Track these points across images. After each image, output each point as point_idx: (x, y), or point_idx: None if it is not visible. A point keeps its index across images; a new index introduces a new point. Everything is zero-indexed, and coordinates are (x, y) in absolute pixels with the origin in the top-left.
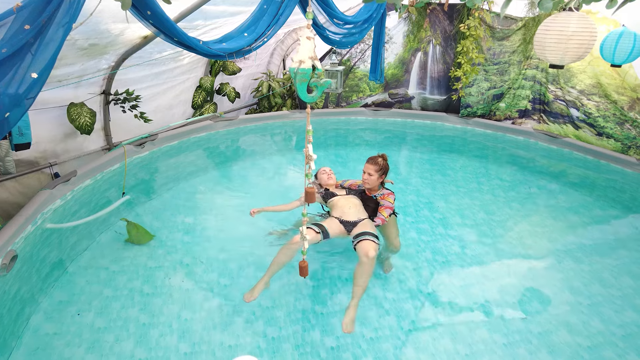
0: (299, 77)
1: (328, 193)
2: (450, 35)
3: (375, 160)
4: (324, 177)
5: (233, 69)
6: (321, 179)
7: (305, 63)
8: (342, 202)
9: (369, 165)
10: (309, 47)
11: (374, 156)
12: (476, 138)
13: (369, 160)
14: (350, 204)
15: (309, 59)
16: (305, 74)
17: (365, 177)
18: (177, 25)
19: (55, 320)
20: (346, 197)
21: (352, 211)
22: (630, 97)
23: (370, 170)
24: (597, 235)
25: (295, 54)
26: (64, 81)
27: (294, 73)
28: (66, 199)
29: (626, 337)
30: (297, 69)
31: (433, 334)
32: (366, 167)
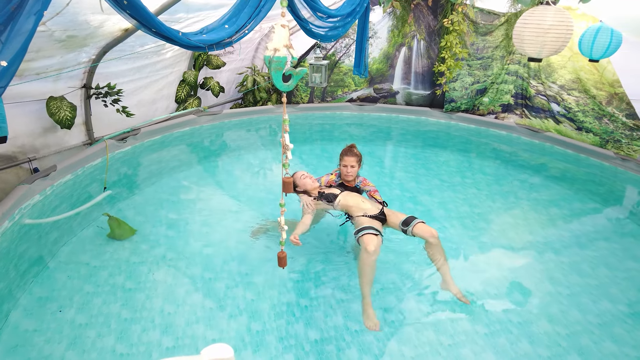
0: (273, 65)
1: (326, 196)
2: (434, 30)
3: (353, 151)
4: (309, 182)
5: (217, 63)
6: (305, 185)
7: (280, 51)
8: (353, 200)
9: (350, 157)
10: (283, 35)
11: (349, 148)
12: (460, 132)
13: (347, 154)
14: (358, 198)
15: (284, 47)
16: (280, 62)
17: (349, 170)
18: (155, 16)
19: (35, 316)
20: (348, 194)
21: (367, 204)
22: (608, 92)
23: (352, 162)
24: (576, 228)
25: (270, 42)
26: (42, 74)
27: (268, 61)
28: (45, 194)
29: (602, 325)
30: (272, 57)
31: (416, 326)
32: (347, 161)
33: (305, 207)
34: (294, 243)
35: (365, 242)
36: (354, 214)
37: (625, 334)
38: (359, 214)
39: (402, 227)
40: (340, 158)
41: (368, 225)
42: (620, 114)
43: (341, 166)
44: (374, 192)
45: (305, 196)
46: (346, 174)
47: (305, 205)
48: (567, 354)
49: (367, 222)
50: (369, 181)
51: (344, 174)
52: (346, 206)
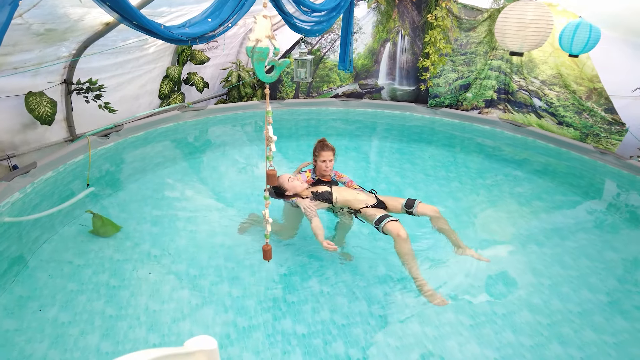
0: (256, 56)
1: (321, 195)
2: (418, 26)
3: (328, 145)
4: (298, 184)
5: (201, 58)
6: (295, 188)
7: (262, 42)
8: (348, 193)
9: (328, 152)
10: (265, 26)
11: (323, 143)
12: (444, 128)
13: (323, 148)
14: (351, 191)
15: (266, 37)
16: (262, 52)
17: (328, 164)
18: (137, 9)
19: (16, 316)
20: (339, 189)
21: (362, 195)
22: (588, 87)
23: (330, 156)
24: (558, 220)
25: (252, 33)
26: (20, 69)
27: (250, 52)
28: (25, 191)
29: (582, 313)
30: (254, 48)
31: (402, 318)
32: (326, 155)
33: (309, 211)
34: (331, 249)
35: (395, 230)
36: (355, 207)
37: (604, 322)
38: (361, 206)
39: (406, 210)
40: (316, 154)
41: (382, 214)
42: (599, 108)
43: (318, 162)
44: (351, 183)
45: (302, 200)
46: (325, 168)
47: (307, 209)
48: (548, 343)
49: (378, 212)
50: (342, 173)
51: (322, 169)
52: (345, 201)
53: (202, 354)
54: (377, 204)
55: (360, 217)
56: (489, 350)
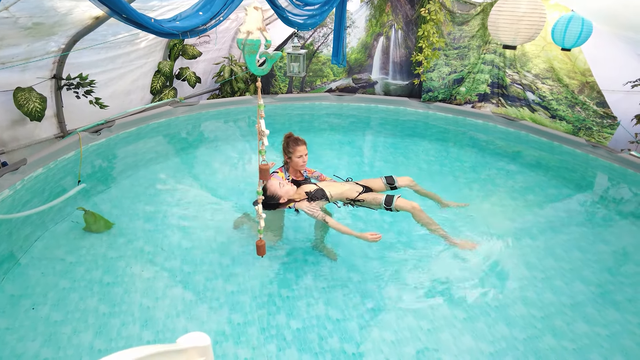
0: (247, 48)
1: (315, 194)
2: (411, 20)
3: (302, 140)
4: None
5: (193, 53)
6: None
7: (253, 34)
8: (336, 186)
9: (302, 146)
10: (256, 17)
11: (296, 138)
12: (437, 122)
13: (298, 143)
14: (336, 183)
15: (257, 29)
16: (253, 45)
17: (304, 159)
18: (127, 2)
19: (7, 314)
20: (325, 184)
21: (346, 184)
22: (580, 81)
23: (306, 150)
24: (551, 213)
25: (243, 25)
26: (8, 64)
27: (241, 44)
28: (15, 188)
29: (574, 305)
30: (245, 40)
31: (397, 312)
32: (302, 150)
33: (316, 212)
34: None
35: (409, 205)
36: (352, 197)
37: (596, 313)
38: (354, 195)
39: (385, 207)
40: (291, 150)
41: (385, 195)
42: (591, 102)
43: (294, 158)
44: (323, 176)
45: (301, 204)
46: (303, 163)
47: (313, 211)
48: (542, 335)
49: (378, 195)
50: (311, 168)
51: (300, 165)
52: (338, 194)
53: (195, 351)
54: (365, 189)
55: (361, 205)
56: (483, 343)
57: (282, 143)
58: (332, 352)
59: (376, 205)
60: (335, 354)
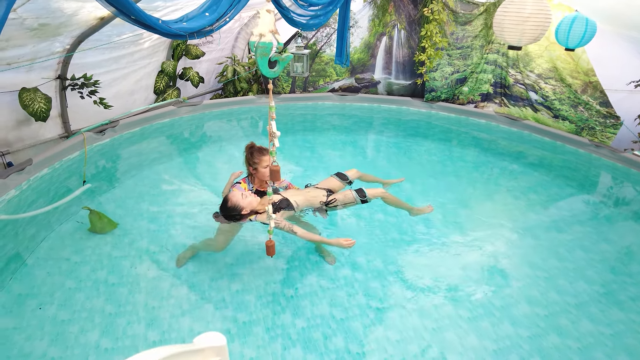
0: (259, 51)
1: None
2: (414, 20)
3: (266, 149)
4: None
5: (196, 53)
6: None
7: (266, 37)
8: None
9: (267, 155)
10: (269, 20)
11: (260, 147)
12: (440, 122)
13: (263, 153)
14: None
15: (269, 32)
16: (266, 47)
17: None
18: (134, 3)
19: (15, 314)
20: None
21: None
22: (583, 81)
23: (269, 159)
24: (554, 213)
25: (255, 28)
26: (14, 64)
27: (254, 47)
28: (21, 188)
29: (579, 305)
30: (258, 43)
31: (401, 312)
32: (267, 160)
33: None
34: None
35: (378, 192)
36: (323, 201)
37: (600, 313)
38: (324, 199)
39: (362, 201)
40: (257, 161)
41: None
42: (594, 102)
43: (260, 168)
44: (291, 185)
45: (262, 217)
46: (266, 175)
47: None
48: (546, 334)
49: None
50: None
51: (266, 175)
52: (306, 202)
53: (211, 351)
54: (329, 192)
55: (334, 208)
56: (487, 342)
57: (245, 154)
58: (337, 351)
59: (350, 202)
60: (340, 353)
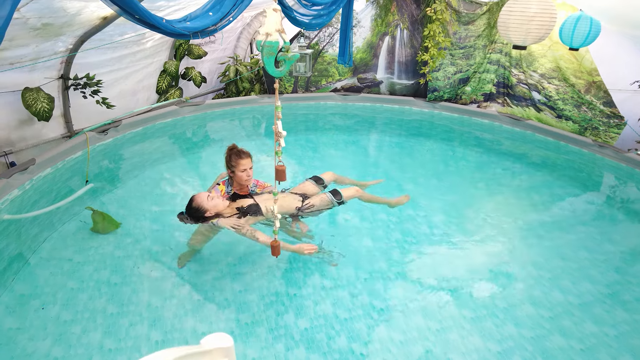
0: (266, 50)
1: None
2: (417, 19)
3: (245, 152)
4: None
5: (198, 53)
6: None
7: (272, 36)
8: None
9: (247, 159)
10: (275, 20)
11: (239, 150)
12: (443, 122)
13: (241, 156)
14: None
15: (276, 31)
16: (272, 47)
17: (249, 173)
18: (138, 2)
19: (18, 314)
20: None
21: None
22: (587, 81)
23: (250, 163)
24: (557, 213)
25: (262, 27)
26: (17, 64)
27: (260, 46)
28: (24, 188)
29: (582, 305)
30: (264, 42)
31: (405, 312)
32: (245, 164)
33: (242, 230)
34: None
35: (352, 192)
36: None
37: (604, 313)
38: (300, 204)
39: (338, 203)
40: (233, 164)
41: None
42: (598, 102)
43: (237, 172)
44: (260, 184)
45: (225, 221)
46: (247, 178)
47: (238, 228)
48: (550, 335)
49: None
50: (263, 181)
51: (244, 179)
52: (280, 207)
53: (219, 352)
54: (303, 196)
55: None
56: (491, 343)
57: (225, 156)
58: (340, 352)
59: (326, 206)
60: (343, 354)
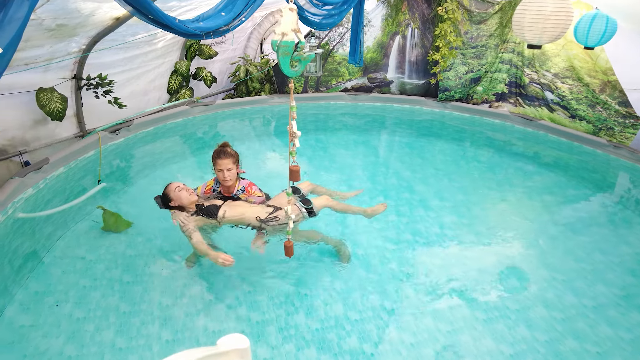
0: (281, 50)
1: (206, 209)
2: (428, 19)
3: (226, 152)
4: (184, 195)
5: (209, 53)
6: (180, 199)
7: (288, 35)
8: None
9: (224, 160)
10: (291, 19)
11: (220, 148)
12: (454, 122)
13: (219, 156)
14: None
15: (292, 31)
16: (287, 46)
17: (226, 174)
18: (152, 2)
19: (32, 312)
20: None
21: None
22: (601, 80)
23: (228, 165)
24: (570, 214)
25: (278, 26)
26: (32, 64)
27: (276, 46)
28: (38, 187)
29: (597, 308)
30: (280, 42)
31: (415, 314)
32: (222, 164)
33: (184, 227)
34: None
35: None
36: (257, 217)
37: (619, 316)
38: (262, 215)
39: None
40: (213, 162)
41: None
42: (613, 101)
43: (215, 171)
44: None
45: (178, 214)
46: (223, 179)
47: (182, 224)
48: (563, 338)
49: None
50: (257, 190)
51: (221, 180)
52: (236, 217)
53: (235, 353)
54: (275, 209)
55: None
56: (503, 345)
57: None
58: (351, 353)
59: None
60: (354, 355)
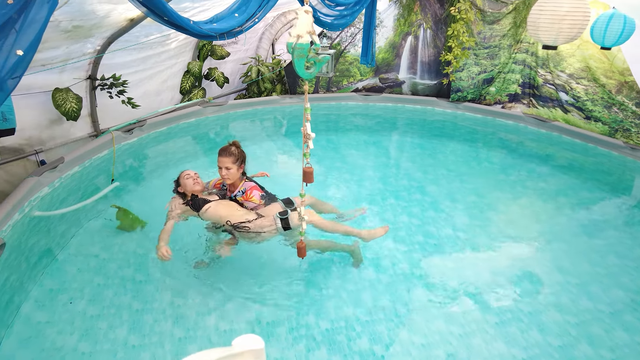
0: (296, 52)
1: (194, 202)
2: (440, 19)
3: (228, 150)
4: (189, 183)
5: (221, 54)
6: (185, 185)
7: (303, 38)
8: (225, 210)
9: (224, 158)
10: (306, 21)
11: (225, 146)
12: (466, 122)
13: (220, 153)
14: (232, 207)
15: (307, 33)
16: (303, 49)
17: (224, 172)
18: (167, 3)
19: (47, 308)
20: (221, 203)
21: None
22: (618, 81)
23: (226, 163)
24: (584, 217)
25: (293, 29)
26: (48, 65)
27: (291, 48)
28: (54, 186)
29: (613, 313)
30: (295, 44)
31: (426, 316)
32: (221, 162)
33: (169, 211)
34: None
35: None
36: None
37: (636, 321)
38: (235, 220)
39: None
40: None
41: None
42: (630, 102)
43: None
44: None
45: (177, 198)
46: (222, 177)
47: (170, 208)
48: (577, 343)
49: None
50: (256, 196)
51: (221, 177)
52: (215, 215)
53: (250, 354)
54: (259, 217)
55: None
56: (515, 349)
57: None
58: (361, 354)
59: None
60: (364, 356)
